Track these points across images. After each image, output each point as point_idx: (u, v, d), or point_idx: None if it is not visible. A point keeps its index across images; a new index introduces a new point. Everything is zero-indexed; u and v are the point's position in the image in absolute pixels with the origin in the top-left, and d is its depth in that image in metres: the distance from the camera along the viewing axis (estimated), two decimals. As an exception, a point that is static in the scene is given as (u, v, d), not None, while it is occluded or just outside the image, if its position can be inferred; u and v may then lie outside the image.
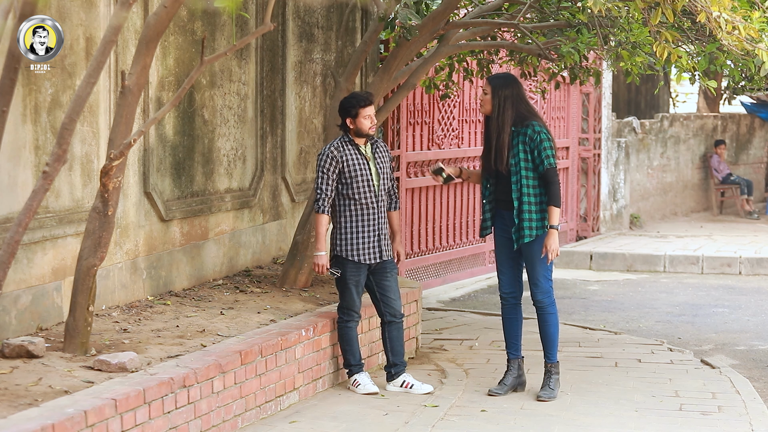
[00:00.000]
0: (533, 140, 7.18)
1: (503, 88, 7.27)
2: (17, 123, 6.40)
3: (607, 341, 9.33)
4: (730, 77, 9.50)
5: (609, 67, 9.33)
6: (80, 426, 5.06)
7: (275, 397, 6.83)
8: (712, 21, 6.61)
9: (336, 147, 7.41)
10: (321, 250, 7.43)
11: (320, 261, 7.43)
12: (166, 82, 7.79)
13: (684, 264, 14.01)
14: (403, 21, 7.94)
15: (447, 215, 12.55)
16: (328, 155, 7.38)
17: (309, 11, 9.68)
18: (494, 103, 7.25)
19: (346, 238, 7.43)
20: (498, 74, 7.51)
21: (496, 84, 7.26)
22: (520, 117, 7.25)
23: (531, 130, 7.20)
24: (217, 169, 8.50)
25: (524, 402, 7.27)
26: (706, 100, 22.37)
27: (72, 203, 6.94)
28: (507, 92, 7.25)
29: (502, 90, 7.25)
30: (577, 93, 15.52)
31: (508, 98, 7.25)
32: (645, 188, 18.02)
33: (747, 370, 8.55)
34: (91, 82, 5.66)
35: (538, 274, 7.33)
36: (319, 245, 7.42)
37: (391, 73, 8.67)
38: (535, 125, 7.21)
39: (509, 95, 7.25)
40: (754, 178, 21.16)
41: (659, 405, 7.27)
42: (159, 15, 5.97)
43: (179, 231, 8.06)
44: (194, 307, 7.58)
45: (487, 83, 7.35)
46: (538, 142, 7.18)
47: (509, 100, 7.25)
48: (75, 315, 6.16)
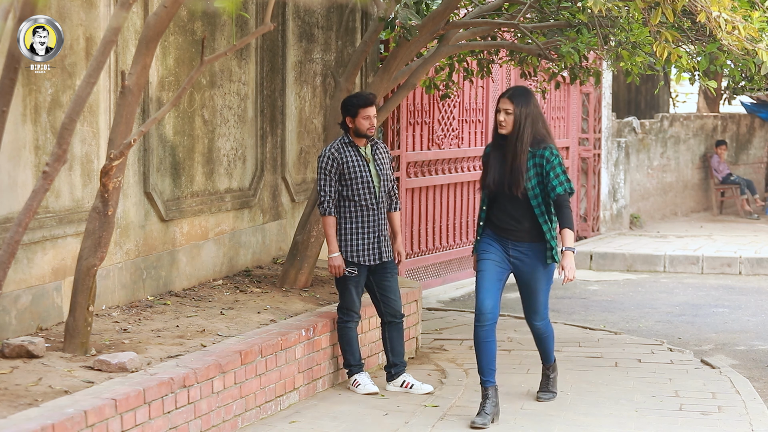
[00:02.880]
0: (550, 163, 6.74)
1: (525, 105, 6.76)
2: (17, 123, 6.40)
3: (607, 341, 9.33)
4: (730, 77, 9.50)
5: (609, 67, 9.33)
6: (80, 426, 5.06)
7: (275, 397, 6.83)
8: (712, 21, 6.61)
9: (336, 148, 7.41)
10: (334, 252, 7.40)
11: (335, 262, 7.40)
12: (166, 82, 7.79)
13: (684, 264, 14.01)
14: (403, 21, 7.94)
15: (447, 215, 12.54)
16: (329, 156, 7.38)
17: (309, 11, 9.68)
18: (516, 123, 6.75)
19: (345, 240, 7.42)
20: (518, 89, 6.88)
21: (519, 101, 6.74)
22: (538, 138, 6.79)
23: (549, 153, 6.76)
24: (217, 169, 8.50)
25: (524, 402, 7.27)
26: (706, 100, 22.37)
27: (72, 203, 6.94)
28: (527, 110, 6.76)
29: (524, 108, 6.75)
30: (577, 93, 15.52)
31: (528, 116, 6.76)
32: (645, 188, 18.01)
33: (747, 370, 8.55)
34: (91, 82, 5.66)
35: (539, 303, 7.00)
36: (331, 247, 7.40)
37: (391, 73, 8.67)
38: (552, 148, 6.79)
39: (529, 113, 6.77)
40: (754, 178, 21.16)
41: (659, 405, 7.27)
42: (159, 15, 5.97)
43: (179, 231, 8.06)
44: (194, 307, 7.58)
45: (509, 101, 6.78)
46: (556, 165, 6.75)
47: (529, 119, 6.77)
48: (75, 315, 6.16)
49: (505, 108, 6.77)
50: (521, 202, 6.80)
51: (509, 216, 6.87)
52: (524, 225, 6.83)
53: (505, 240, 6.91)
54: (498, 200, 6.88)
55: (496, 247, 6.91)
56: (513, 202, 6.82)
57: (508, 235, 6.89)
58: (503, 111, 6.77)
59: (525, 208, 6.82)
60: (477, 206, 13.01)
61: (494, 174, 6.85)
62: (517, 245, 6.88)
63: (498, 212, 6.90)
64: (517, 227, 6.85)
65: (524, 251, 6.88)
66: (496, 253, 6.90)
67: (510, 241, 6.89)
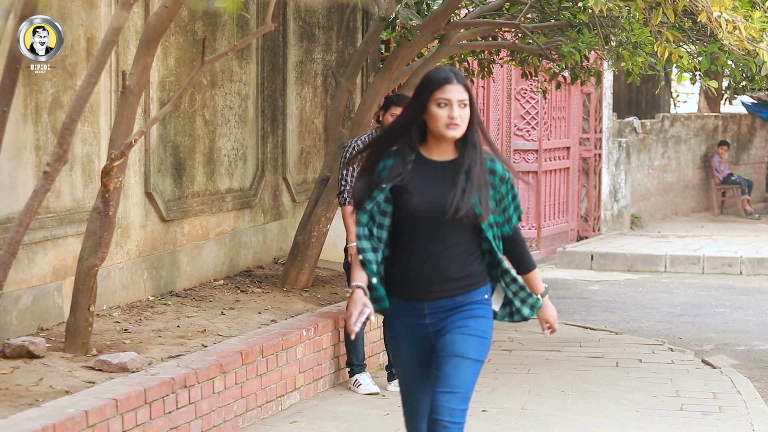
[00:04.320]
0: (506, 182, 4.52)
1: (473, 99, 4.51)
2: (18, 123, 6.40)
3: (608, 341, 9.32)
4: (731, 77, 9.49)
5: (610, 67, 9.33)
6: (81, 426, 5.05)
7: (276, 397, 6.82)
8: (713, 21, 6.62)
9: (363, 140, 7.45)
10: (354, 241, 7.41)
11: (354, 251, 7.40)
12: (167, 83, 7.79)
13: (685, 264, 14.01)
14: (404, 21, 7.94)
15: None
16: (354, 147, 7.41)
17: (310, 11, 9.68)
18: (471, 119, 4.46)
19: None
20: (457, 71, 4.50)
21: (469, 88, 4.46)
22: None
23: (501, 168, 4.52)
24: (218, 170, 8.50)
25: (525, 402, 7.27)
26: (706, 100, 22.38)
27: (73, 203, 6.94)
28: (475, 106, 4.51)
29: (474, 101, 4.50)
30: (578, 93, 15.52)
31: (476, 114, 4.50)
32: (646, 188, 18.01)
33: (748, 370, 8.55)
34: (92, 82, 5.66)
35: (468, 379, 4.43)
36: (350, 237, 7.38)
37: (392, 73, 8.67)
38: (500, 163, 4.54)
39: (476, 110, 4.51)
40: (754, 178, 21.16)
41: (660, 405, 7.27)
42: (160, 15, 5.97)
43: (180, 231, 8.06)
44: (195, 308, 7.58)
45: (463, 89, 4.43)
46: (513, 185, 4.55)
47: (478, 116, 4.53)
48: (76, 315, 6.16)
49: (459, 99, 4.40)
50: (459, 238, 4.45)
51: (433, 260, 4.43)
52: (452, 271, 4.44)
53: (418, 304, 4.47)
54: (416, 236, 4.44)
55: (408, 328, 4.53)
56: (445, 239, 4.43)
57: (425, 293, 4.45)
58: (457, 103, 4.39)
59: (464, 245, 4.46)
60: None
61: (426, 195, 4.43)
62: (440, 304, 4.46)
63: (412, 256, 4.45)
64: (443, 276, 4.44)
65: (450, 310, 4.46)
66: (414, 339, 4.54)
67: (427, 302, 4.46)
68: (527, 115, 14.33)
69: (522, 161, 14.33)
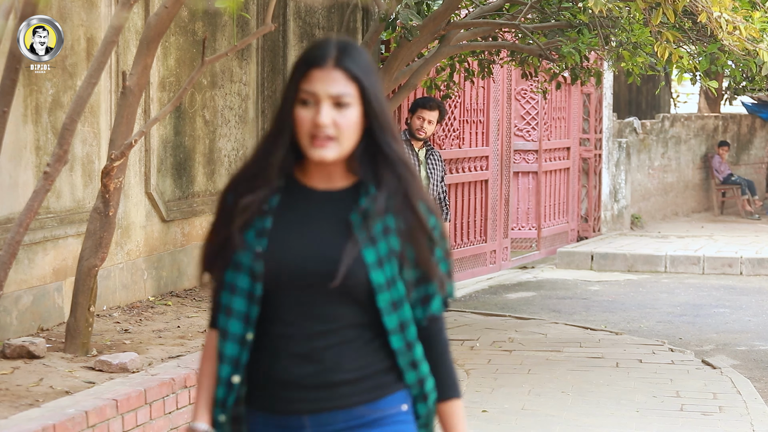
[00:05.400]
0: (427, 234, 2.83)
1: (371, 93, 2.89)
2: (18, 123, 6.40)
3: (608, 341, 9.32)
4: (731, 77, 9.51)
5: (610, 68, 9.34)
6: (81, 426, 5.05)
7: (276, 398, 6.82)
8: (713, 21, 6.62)
9: None
10: None
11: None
12: (167, 83, 7.79)
13: (685, 264, 14.01)
14: (404, 21, 7.95)
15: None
16: None
17: (310, 12, 9.68)
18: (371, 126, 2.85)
19: None
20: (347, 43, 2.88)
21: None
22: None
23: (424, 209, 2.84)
24: (218, 170, 8.51)
25: (525, 402, 7.27)
26: (707, 100, 22.38)
27: (73, 204, 6.94)
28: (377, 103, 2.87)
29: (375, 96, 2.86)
30: (578, 93, 15.52)
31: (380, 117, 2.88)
32: (646, 188, 18.01)
33: (748, 371, 8.54)
34: (92, 82, 5.66)
35: None
36: None
37: (392, 73, 8.67)
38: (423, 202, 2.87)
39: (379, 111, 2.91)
40: (755, 178, 21.17)
41: (660, 405, 7.27)
42: (160, 15, 5.97)
43: (180, 231, 8.06)
44: (195, 308, 7.58)
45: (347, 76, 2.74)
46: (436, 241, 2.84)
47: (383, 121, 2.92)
48: (76, 315, 6.16)
49: (333, 93, 2.74)
50: (353, 315, 2.81)
51: (311, 351, 2.79)
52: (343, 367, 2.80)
53: (295, 419, 2.81)
54: (282, 314, 2.81)
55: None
56: (330, 317, 2.80)
57: (303, 402, 2.81)
58: (329, 100, 2.74)
59: (363, 326, 2.82)
60: (477, 206, 12.96)
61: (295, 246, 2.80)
62: (330, 418, 2.81)
63: (280, 344, 2.81)
64: (329, 375, 2.80)
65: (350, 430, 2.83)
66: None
67: (309, 416, 2.81)
68: (527, 116, 14.33)
69: (522, 161, 14.34)
